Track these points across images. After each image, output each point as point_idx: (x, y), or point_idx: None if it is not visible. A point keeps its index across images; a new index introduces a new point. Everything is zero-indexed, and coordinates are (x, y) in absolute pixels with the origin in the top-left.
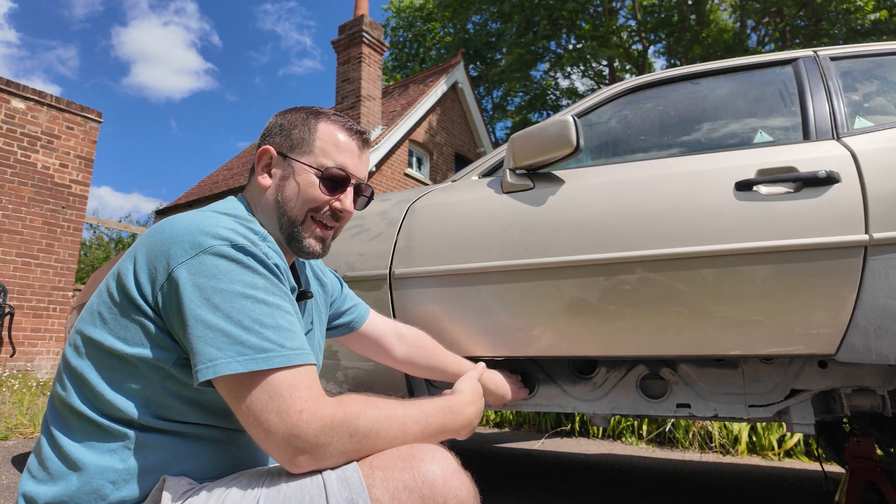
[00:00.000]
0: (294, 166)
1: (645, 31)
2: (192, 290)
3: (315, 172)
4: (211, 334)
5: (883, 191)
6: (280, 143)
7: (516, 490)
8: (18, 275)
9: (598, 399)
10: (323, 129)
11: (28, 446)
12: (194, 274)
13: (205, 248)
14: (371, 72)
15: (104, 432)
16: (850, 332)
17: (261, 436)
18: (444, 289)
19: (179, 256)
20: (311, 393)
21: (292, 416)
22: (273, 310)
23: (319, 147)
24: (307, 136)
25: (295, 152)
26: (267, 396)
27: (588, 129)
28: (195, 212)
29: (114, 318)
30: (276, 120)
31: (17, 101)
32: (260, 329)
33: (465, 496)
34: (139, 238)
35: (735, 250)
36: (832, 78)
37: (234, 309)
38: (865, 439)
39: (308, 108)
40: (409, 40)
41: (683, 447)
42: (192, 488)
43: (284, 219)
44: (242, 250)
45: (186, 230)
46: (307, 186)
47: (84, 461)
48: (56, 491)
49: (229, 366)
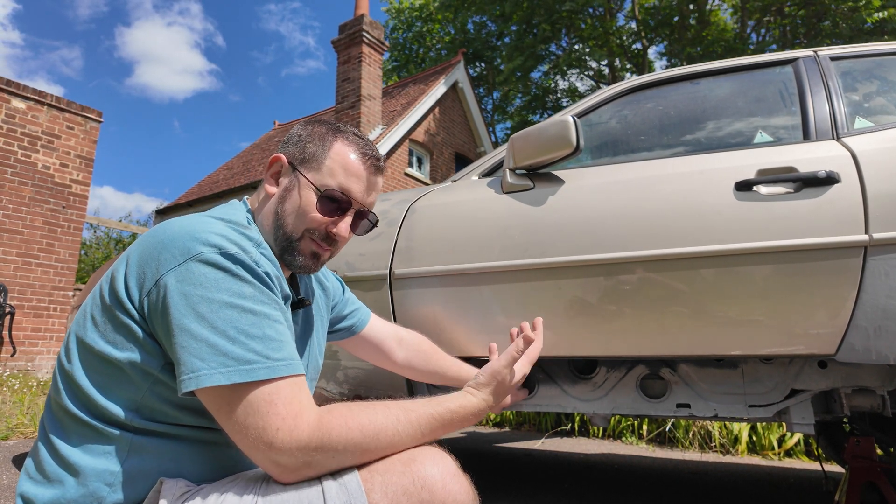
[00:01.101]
0: (300, 180)
1: (645, 32)
2: (179, 299)
3: (315, 191)
4: (195, 344)
5: (883, 191)
6: (293, 154)
7: (516, 490)
8: (19, 274)
9: (598, 399)
10: (337, 149)
11: (28, 446)
12: (181, 281)
13: (193, 255)
14: (371, 71)
15: (99, 435)
16: (850, 333)
17: (245, 448)
18: (444, 289)
19: (168, 263)
20: (290, 410)
21: (269, 434)
22: (260, 319)
23: (328, 166)
24: (320, 152)
25: (304, 166)
26: (245, 413)
27: (588, 129)
28: (192, 216)
29: (104, 322)
30: (298, 129)
31: (18, 101)
32: (245, 340)
33: (464, 500)
34: (136, 241)
35: (735, 250)
36: (832, 78)
37: (219, 319)
38: (865, 439)
39: (332, 124)
40: (409, 40)
41: (683, 447)
42: (189, 490)
43: (280, 232)
44: (231, 258)
45: (178, 235)
46: (306, 204)
47: (80, 464)
48: (53, 494)
49: (211, 377)
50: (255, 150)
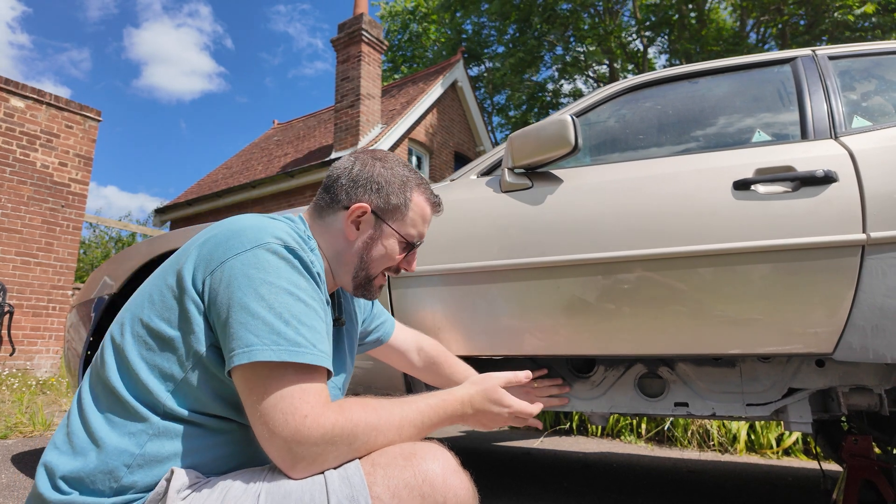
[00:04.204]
0: (385, 230)
1: (644, 30)
2: (243, 279)
3: (400, 240)
4: (252, 321)
5: (880, 190)
6: (377, 204)
7: (515, 488)
8: (18, 274)
9: (596, 398)
10: (416, 202)
11: (28, 445)
12: (246, 265)
13: (261, 244)
14: (370, 70)
15: (129, 413)
16: (848, 331)
17: (265, 435)
18: (442, 288)
19: (237, 248)
20: (319, 399)
21: (297, 420)
22: (311, 311)
23: (411, 219)
24: (402, 205)
25: (389, 218)
26: (279, 395)
27: (587, 129)
28: (259, 214)
29: (162, 301)
30: (372, 175)
31: (16, 100)
32: (297, 325)
33: (465, 495)
34: (205, 229)
35: (733, 249)
36: (830, 77)
37: (277, 301)
38: (863, 438)
39: (401, 171)
40: (404, 42)
41: (682, 446)
42: (198, 482)
43: (363, 273)
44: (293, 253)
45: (248, 227)
46: (392, 252)
47: (105, 440)
48: (75, 466)
49: (263, 352)
50: (254, 150)
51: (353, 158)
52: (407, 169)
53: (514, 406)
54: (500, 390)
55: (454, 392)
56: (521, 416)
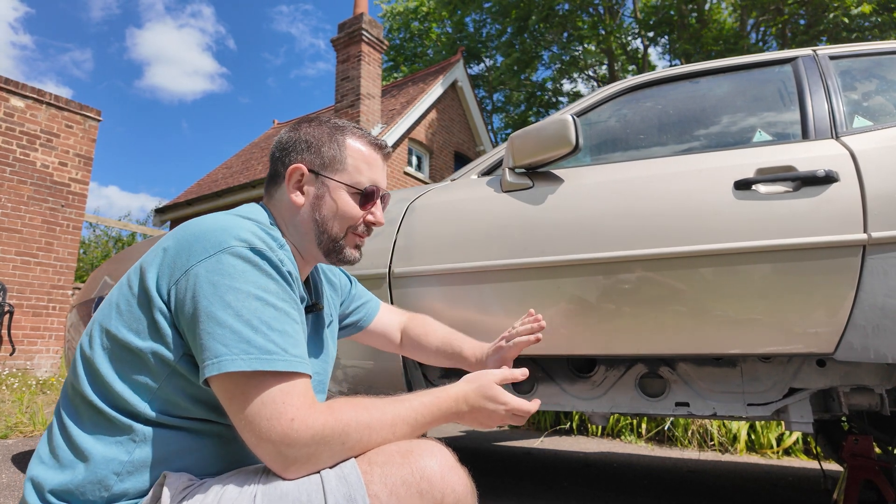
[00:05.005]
0: (328, 184)
1: (645, 30)
2: (208, 287)
3: (349, 190)
4: (220, 330)
5: (881, 190)
6: (311, 161)
7: (515, 488)
8: (18, 273)
9: (597, 397)
10: (351, 146)
11: (28, 445)
12: (211, 271)
13: (225, 248)
14: (370, 70)
15: (112, 424)
16: (849, 331)
17: (252, 441)
18: (443, 287)
19: (200, 254)
20: (304, 401)
21: (283, 424)
22: (281, 315)
23: (352, 165)
24: (338, 153)
25: (328, 171)
26: (261, 402)
27: (587, 128)
28: (221, 214)
29: (129, 311)
30: (298, 135)
31: (16, 100)
32: (267, 331)
33: (463, 491)
34: (167, 234)
35: (734, 249)
36: (831, 77)
37: (245, 308)
38: (864, 438)
39: (329, 123)
40: (404, 41)
41: (682, 445)
42: (192, 484)
43: (325, 236)
44: (259, 254)
45: (210, 230)
46: (344, 205)
47: (91, 451)
48: (63, 479)
49: (234, 363)
50: (253, 149)
51: (284, 130)
52: (338, 122)
53: (510, 403)
54: (496, 387)
55: (448, 389)
56: (518, 414)
